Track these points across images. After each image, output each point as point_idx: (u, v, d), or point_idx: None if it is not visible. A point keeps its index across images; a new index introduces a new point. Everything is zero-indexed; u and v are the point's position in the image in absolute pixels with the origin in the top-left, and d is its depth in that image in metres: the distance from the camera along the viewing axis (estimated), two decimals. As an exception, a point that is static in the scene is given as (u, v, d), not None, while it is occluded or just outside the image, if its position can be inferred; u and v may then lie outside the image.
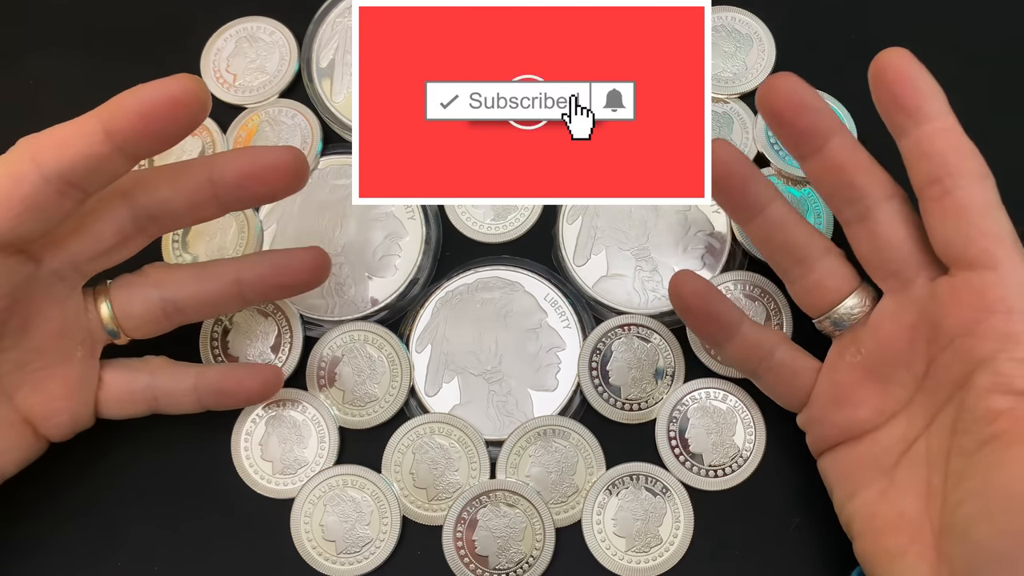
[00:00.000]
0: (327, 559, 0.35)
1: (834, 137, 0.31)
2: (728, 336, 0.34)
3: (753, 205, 0.33)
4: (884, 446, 0.31)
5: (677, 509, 0.35)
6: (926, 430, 0.30)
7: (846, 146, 0.31)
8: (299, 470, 0.36)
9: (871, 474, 0.31)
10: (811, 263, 0.33)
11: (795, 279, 0.33)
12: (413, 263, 0.39)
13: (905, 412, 0.31)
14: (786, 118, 0.31)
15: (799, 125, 0.31)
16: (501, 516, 0.35)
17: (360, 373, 0.37)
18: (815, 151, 0.31)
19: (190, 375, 0.35)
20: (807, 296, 0.33)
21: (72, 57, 0.43)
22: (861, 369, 0.32)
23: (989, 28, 0.41)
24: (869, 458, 0.31)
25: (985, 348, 0.28)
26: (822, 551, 0.35)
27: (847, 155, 0.31)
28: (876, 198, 0.31)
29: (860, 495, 0.31)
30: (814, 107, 0.31)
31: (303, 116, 0.41)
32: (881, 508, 0.31)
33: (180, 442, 0.37)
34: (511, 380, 0.37)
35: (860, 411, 0.32)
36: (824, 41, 0.41)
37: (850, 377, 0.32)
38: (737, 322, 0.33)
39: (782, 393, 0.34)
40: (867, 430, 0.32)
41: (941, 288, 0.30)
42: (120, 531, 0.36)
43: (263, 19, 0.43)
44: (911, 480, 0.30)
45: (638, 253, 0.39)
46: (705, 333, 0.35)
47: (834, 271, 0.33)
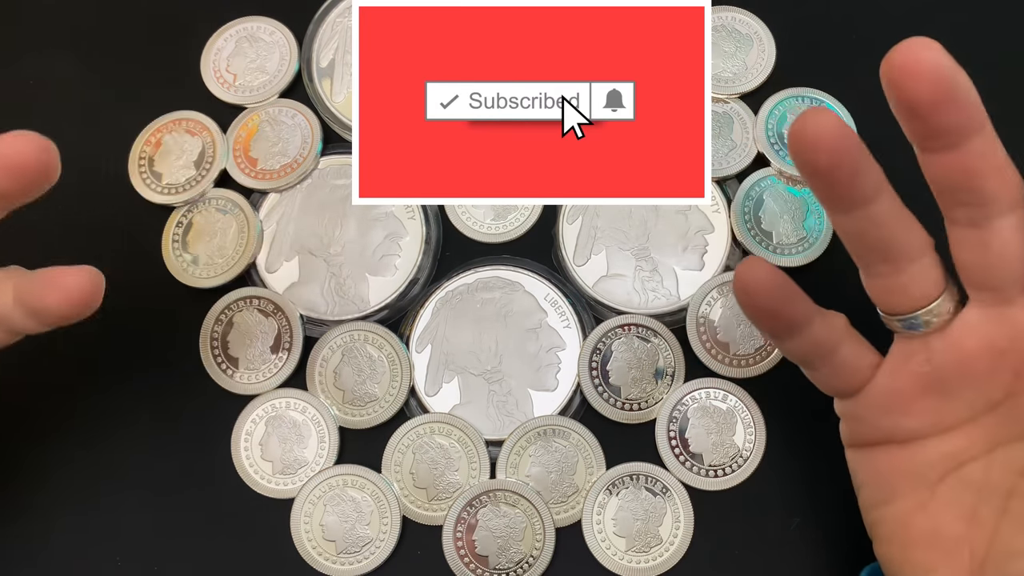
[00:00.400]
0: (327, 559, 0.35)
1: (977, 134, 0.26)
2: (796, 334, 0.30)
3: (859, 199, 0.27)
4: (931, 458, 0.29)
5: (677, 509, 0.35)
6: (987, 456, 0.28)
7: (987, 146, 0.26)
8: (299, 470, 0.36)
9: (911, 484, 0.29)
10: (903, 264, 0.28)
11: (878, 276, 0.29)
12: (413, 263, 0.39)
13: (964, 429, 0.28)
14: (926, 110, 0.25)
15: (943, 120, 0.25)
16: (501, 516, 0.35)
17: (360, 373, 0.37)
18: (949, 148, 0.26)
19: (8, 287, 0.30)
20: (886, 295, 0.29)
21: (71, 57, 0.43)
22: (927, 379, 0.28)
23: (992, 27, 0.41)
24: (911, 467, 0.29)
25: None
26: (822, 551, 0.35)
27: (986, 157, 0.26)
28: (1001, 207, 0.26)
29: (895, 503, 0.29)
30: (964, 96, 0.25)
31: (303, 116, 0.41)
32: (917, 520, 0.29)
33: (180, 442, 0.37)
34: (511, 380, 0.37)
35: (912, 420, 0.29)
36: (824, 41, 0.41)
37: (912, 385, 0.29)
38: (807, 320, 0.29)
39: (832, 385, 0.31)
40: (916, 438, 0.29)
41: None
42: (120, 530, 0.36)
43: (263, 19, 0.43)
44: (955, 500, 0.28)
45: (638, 253, 0.39)
46: (767, 330, 0.30)
47: (925, 275, 0.28)
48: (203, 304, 0.38)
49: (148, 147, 0.40)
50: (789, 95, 0.40)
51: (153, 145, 0.40)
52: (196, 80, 0.42)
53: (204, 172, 0.40)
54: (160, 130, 0.41)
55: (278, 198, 0.40)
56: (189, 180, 0.40)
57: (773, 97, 0.40)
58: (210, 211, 0.40)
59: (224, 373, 0.37)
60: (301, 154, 0.40)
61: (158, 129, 0.41)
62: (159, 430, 0.37)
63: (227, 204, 0.40)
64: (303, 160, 0.40)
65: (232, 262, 0.39)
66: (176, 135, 0.41)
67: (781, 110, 0.40)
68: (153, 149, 0.40)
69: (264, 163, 0.40)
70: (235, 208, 0.39)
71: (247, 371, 0.37)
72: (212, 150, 0.40)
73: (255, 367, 0.37)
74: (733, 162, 0.39)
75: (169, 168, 0.40)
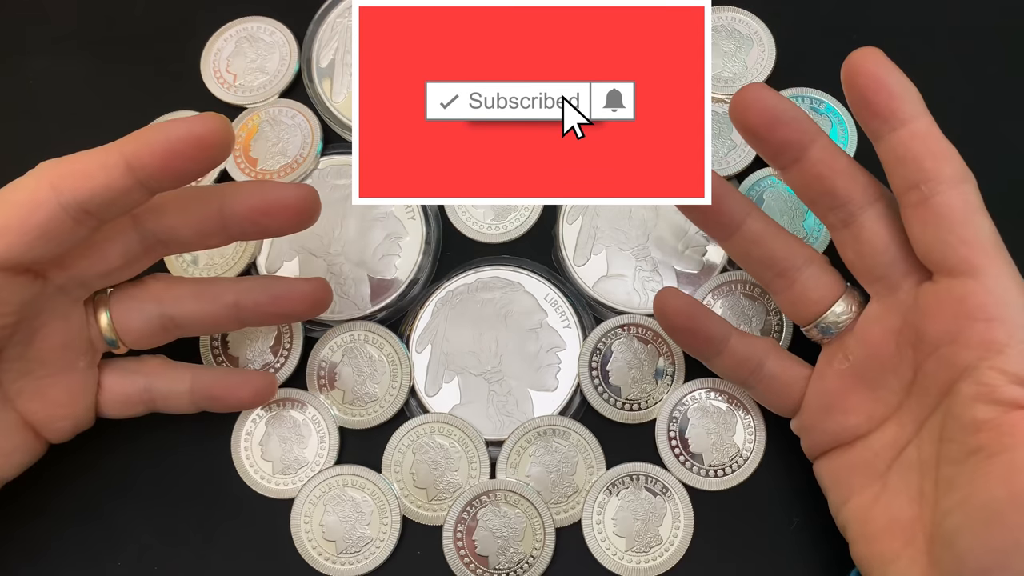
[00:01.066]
0: (327, 559, 0.35)
1: (812, 145, 0.30)
2: (716, 352, 0.34)
3: (728, 223, 0.33)
4: (875, 451, 0.31)
5: (677, 509, 0.35)
6: (916, 436, 0.30)
7: (825, 153, 0.31)
8: (299, 470, 0.36)
9: (864, 479, 0.31)
10: (792, 275, 0.32)
11: (778, 291, 0.33)
12: (413, 263, 0.39)
13: (895, 417, 0.31)
14: (761, 133, 0.31)
15: (775, 139, 0.31)
16: (501, 516, 0.35)
17: (360, 373, 0.37)
18: (794, 162, 0.31)
19: (186, 378, 0.35)
20: (792, 307, 0.33)
21: (72, 57, 0.43)
22: (850, 376, 0.32)
23: (992, 26, 0.41)
24: (861, 463, 0.31)
25: (968, 356, 0.28)
26: (822, 551, 0.35)
27: (826, 163, 0.31)
28: (859, 203, 0.31)
29: (854, 500, 0.32)
30: (788, 118, 0.30)
31: (303, 116, 0.41)
32: (874, 513, 0.31)
33: (180, 442, 0.37)
34: (511, 380, 0.37)
35: (850, 418, 0.32)
36: (824, 41, 0.41)
37: (839, 384, 0.32)
38: (723, 337, 0.33)
39: (774, 402, 0.34)
40: (859, 435, 0.32)
41: (924, 295, 0.30)
42: (120, 531, 0.36)
43: (263, 19, 0.43)
44: (903, 485, 0.30)
45: (638, 253, 0.39)
46: (692, 350, 0.35)
47: (817, 280, 0.32)
48: (203, 304, 0.38)
49: (148, 147, 0.40)
50: (789, 95, 0.40)
51: (153, 145, 0.40)
52: (196, 80, 0.42)
53: (204, 172, 0.40)
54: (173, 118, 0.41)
55: (278, 198, 0.40)
56: (189, 180, 0.40)
57: (773, 97, 0.40)
58: (210, 211, 0.40)
59: (224, 373, 0.37)
60: (301, 154, 0.40)
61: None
62: (159, 430, 0.37)
63: (227, 204, 0.40)
64: (303, 160, 0.40)
65: (232, 262, 0.39)
66: (176, 135, 0.41)
67: (781, 110, 0.40)
68: (153, 149, 0.40)
69: (264, 163, 0.40)
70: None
71: (247, 371, 0.37)
72: (212, 150, 0.40)
73: (255, 367, 0.37)
74: (733, 162, 0.39)
75: (169, 168, 0.40)
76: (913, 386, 0.30)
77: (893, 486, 0.30)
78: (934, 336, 0.29)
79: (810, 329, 0.33)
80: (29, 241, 0.29)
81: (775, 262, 0.33)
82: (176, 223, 0.32)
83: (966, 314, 0.28)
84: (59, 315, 0.32)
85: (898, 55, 0.41)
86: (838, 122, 0.40)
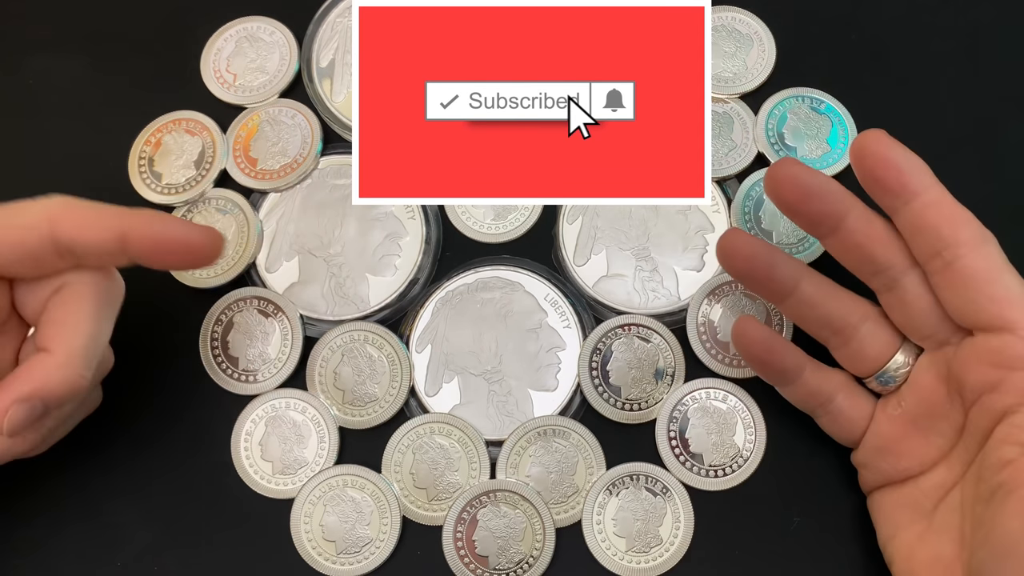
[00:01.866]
0: (327, 559, 0.35)
1: (848, 216, 0.31)
2: (788, 382, 0.34)
3: (782, 288, 0.33)
4: (924, 491, 0.32)
5: (677, 509, 0.35)
6: (961, 478, 0.31)
7: (861, 222, 0.31)
8: (299, 470, 0.36)
9: (911, 516, 0.32)
10: (849, 333, 0.33)
11: (837, 347, 0.34)
12: (413, 263, 0.39)
13: (945, 461, 0.32)
14: (796, 207, 0.31)
15: (810, 211, 0.31)
16: (501, 516, 0.35)
17: (360, 373, 0.37)
18: (831, 232, 0.32)
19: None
20: (851, 362, 0.33)
21: (72, 57, 0.43)
22: (903, 421, 0.32)
23: (993, 26, 0.41)
24: (910, 501, 0.32)
25: (1007, 402, 0.29)
26: (822, 551, 0.35)
27: (863, 232, 0.31)
28: (900, 268, 0.31)
29: (900, 536, 0.32)
30: (821, 192, 0.31)
31: (303, 116, 0.41)
32: (919, 549, 0.31)
33: (180, 442, 0.37)
34: (511, 380, 0.37)
35: (902, 461, 0.32)
36: (824, 41, 0.41)
37: (893, 429, 0.33)
38: (798, 369, 0.34)
39: (837, 434, 0.35)
40: (910, 476, 0.32)
41: (965, 348, 0.31)
42: (120, 531, 0.36)
43: (263, 19, 0.43)
44: (947, 525, 0.31)
45: (638, 253, 0.39)
46: (766, 377, 0.35)
47: (874, 336, 0.33)
48: (203, 304, 0.38)
49: (148, 147, 0.40)
50: (789, 95, 0.40)
51: (153, 145, 0.40)
52: (196, 80, 0.42)
53: (204, 172, 0.40)
54: (160, 130, 0.41)
55: (278, 198, 0.40)
56: (189, 180, 0.40)
57: (773, 97, 0.40)
58: (210, 211, 0.40)
59: (224, 373, 0.37)
60: (301, 154, 0.40)
61: (158, 129, 0.41)
62: (159, 430, 0.37)
63: (227, 204, 0.40)
64: (303, 160, 0.40)
65: (232, 262, 0.39)
66: (176, 135, 0.41)
67: (781, 110, 0.40)
68: (153, 149, 0.40)
69: (264, 163, 0.40)
70: (235, 208, 0.40)
71: (247, 371, 0.37)
72: (212, 150, 0.40)
73: (255, 367, 0.37)
74: (733, 162, 0.39)
75: (169, 168, 0.40)
76: (963, 432, 0.31)
77: (938, 525, 0.31)
78: (977, 385, 0.30)
79: (870, 381, 0.33)
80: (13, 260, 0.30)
81: (831, 322, 0.33)
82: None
83: (1004, 364, 0.29)
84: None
85: (899, 55, 0.41)
86: (838, 122, 0.40)
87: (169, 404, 0.37)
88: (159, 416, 0.36)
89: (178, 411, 0.37)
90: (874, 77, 0.41)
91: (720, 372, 0.37)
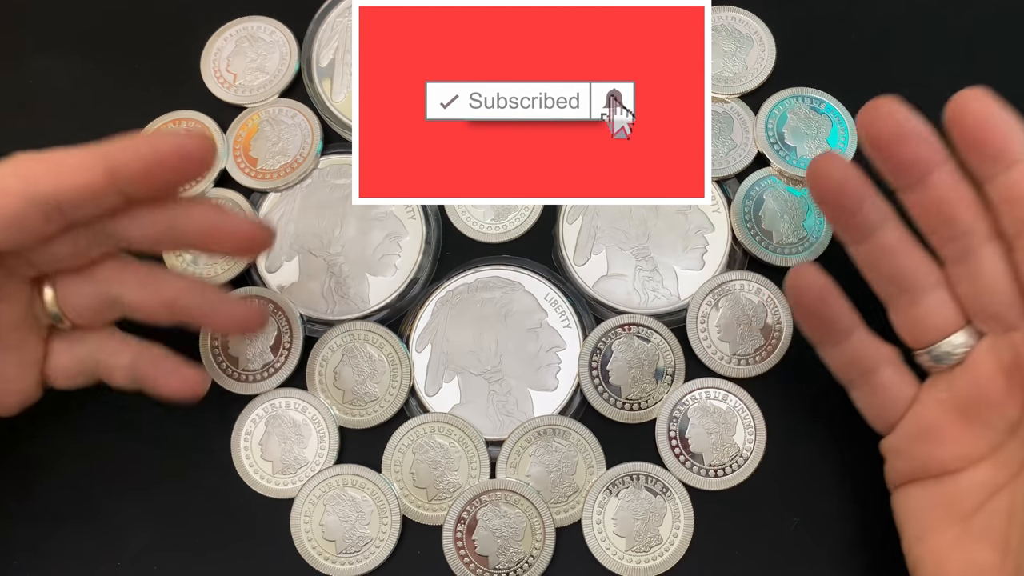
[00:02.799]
0: (327, 559, 0.35)
1: (939, 169, 0.29)
2: (835, 342, 0.32)
3: (864, 227, 0.30)
4: (964, 490, 0.29)
5: (677, 509, 0.35)
6: (1012, 481, 0.29)
7: (950, 178, 0.29)
8: (299, 470, 0.36)
9: (946, 518, 0.30)
10: (918, 295, 0.30)
11: (898, 308, 0.31)
12: (413, 263, 0.39)
13: (992, 459, 0.29)
14: (888, 146, 0.29)
15: (902, 155, 0.29)
16: (501, 516, 0.35)
17: (360, 373, 0.37)
18: (917, 183, 0.29)
19: (127, 353, 0.34)
20: (909, 327, 0.31)
21: (72, 57, 0.43)
22: (951, 407, 0.30)
23: (993, 26, 0.41)
24: (945, 500, 0.30)
25: None
26: (822, 551, 0.35)
27: (950, 189, 0.29)
28: (980, 237, 0.29)
29: (931, 539, 0.30)
30: (918, 135, 0.29)
31: (303, 116, 0.41)
32: (952, 556, 0.29)
33: (180, 442, 0.37)
34: (511, 380, 0.37)
35: (943, 449, 0.30)
36: (824, 41, 0.41)
37: (937, 413, 0.30)
38: (849, 330, 0.32)
39: (872, 412, 0.32)
40: (947, 471, 0.30)
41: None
42: (120, 531, 0.36)
43: (263, 19, 0.43)
44: (988, 531, 0.29)
45: (638, 253, 0.39)
46: (812, 331, 0.33)
47: (942, 306, 0.30)
48: (203, 304, 0.38)
49: (148, 147, 0.40)
50: (789, 95, 0.40)
51: (153, 145, 0.40)
52: (196, 80, 0.42)
53: (204, 172, 0.40)
54: (160, 130, 0.41)
55: (278, 198, 0.40)
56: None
57: (773, 97, 0.40)
58: (210, 211, 0.40)
59: (224, 373, 0.37)
60: (301, 154, 0.40)
61: (158, 129, 0.41)
62: (159, 430, 0.37)
63: (227, 204, 0.40)
64: (303, 160, 0.40)
65: (232, 262, 0.39)
66: (176, 135, 0.41)
67: (781, 110, 0.40)
68: (153, 149, 0.40)
69: (264, 163, 0.40)
70: (235, 208, 0.39)
71: (247, 371, 0.37)
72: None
73: (255, 367, 0.37)
74: (733, 162, 0.39)
75: (169, 168, 0.40)
76: (1019, 429, 0.29)
77: (977, 530, 0.29)
78: None
79: (921, 354, 0.31)
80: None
81: (903, 278, 0.31)
82: (127, 226, 0.31)
83: None
84: (7, 296, 0.32)
85: (898, 55, 0.41)
86: (838, 122, 0.40)
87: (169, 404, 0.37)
88: (159, 416, 0.36)
89: (178, 411, 0.37)
90: (874, 77, 0.41)
91: (720, 372, 0.37)
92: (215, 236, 0.32)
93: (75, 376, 0.34)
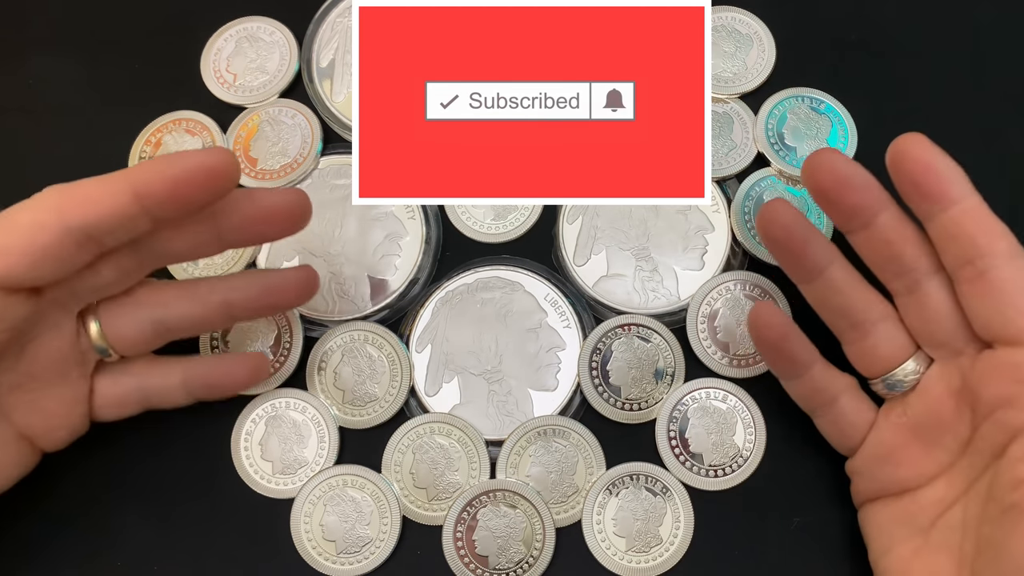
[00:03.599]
0: (327, 559, 0.35)
1: (882, 213, 0.31)
2: (796, 375, 0.34)
3: (812, 266, 0.33)
4: (922, 506, 0.31)
5: (677, 509, 0.35)
6: (964, 495, 0.30)
7: (894, 221, 0.31)
8: (299, 470, 0.36)
9: (907, 531, 0.31)
10: (867, 328, 0.32)
11: (850, 342, 0.33)
12: (413, 263, 0.39)
13: (946, 475, 0.31)
14: (832, 196, 0.31)
15: (846, 203, 0.31)
16: (501, 516, 0.35)
17: (360, 373, 0.37)
18: (863, 227, 0.31)
19: (177, 371, 0.35)
20: (861, 359, 0.33)
21: (72, 57, 0.43)
22: (907, 430, 0.32)
23: (993, 26, 0.41)
24: (906, 516, 0.32)
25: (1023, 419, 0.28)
26: (822, 551, 0.35)
27: (895, 230, 0.31)
28: (924, 272, 0.31)
29: (894, 551, 0.32)
30: (860, 184, 0.31)
31: (303, 116, 0.41)
32: (914, 566, 0.31)
33: (180, 442, 0.37)
34: (511, 380, 0.37)
35: (901, 470, 0.32)
36: (824, 41, 0.41)
37: (895, 437, 0.32)
38: (808, 364, 0.33)
39: (835, 438, 0.34)
40: (907, 488, 0.32)
41: (983, 361, 0.30)
42: (120, 531, 0.36)
43: (263, 19, 0.43)
44: (945, 542, 0.30)
45: (638, 253, 0.39)
46: (774, 366, 0.35)
47: (891, 338, 0.32)
48: (203, 304, 0.38)
49: (148, 147, 0.40)
50: (789, 95, 0.40)
51: (153, 145, 0.40)
52: (196, 80, 0.42)
53: (204, 172, 0.40)
54: (160, 130, 0.41)
55: (278, 198, 0.40)
56: (189, 180, 0.40)
57: (773, 97, 0.40)
58: (210, 211, 0.40)
59: (224, 373, 0.37)
60: (301, 154, 0.40)
61: (158, 129, 0.41)
62: (159, 430, 0.37)
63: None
64: (303, 160, 0.40)
65: (232, 262, 0.39)
66: (176, 135, 0.41)
67: (781, 110, 0.40)
68: (153, 149, 0.40)
69: (264, 163, 0.40)
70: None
71: (247, 371, 0.37)
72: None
73: (255, 367, 0.37)
74: (733, 162, 0.39)
75: (169, 168, 0.40)
76: (968, 446, 0.30)
77: (935, 542, 0.30)
78: (992, 399, 0.29)
79: (876, 383, 0.33)
80: (31, 263, 0.29)
81: (852, 313, 0.32)
82: (171, 237, 0.32)
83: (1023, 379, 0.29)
84: (51, 328, 0.32)
85: (899, 55, 0.41)
86: (838, 122, 0.40)
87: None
88: (159, 416, 0.36)
89: (178, 411, 0.37)
90: (874, 77, 0.41)
91: (720, 372, 0.37)
92: (262, 220, 0.32)
93: (125, 408, 0.35)
